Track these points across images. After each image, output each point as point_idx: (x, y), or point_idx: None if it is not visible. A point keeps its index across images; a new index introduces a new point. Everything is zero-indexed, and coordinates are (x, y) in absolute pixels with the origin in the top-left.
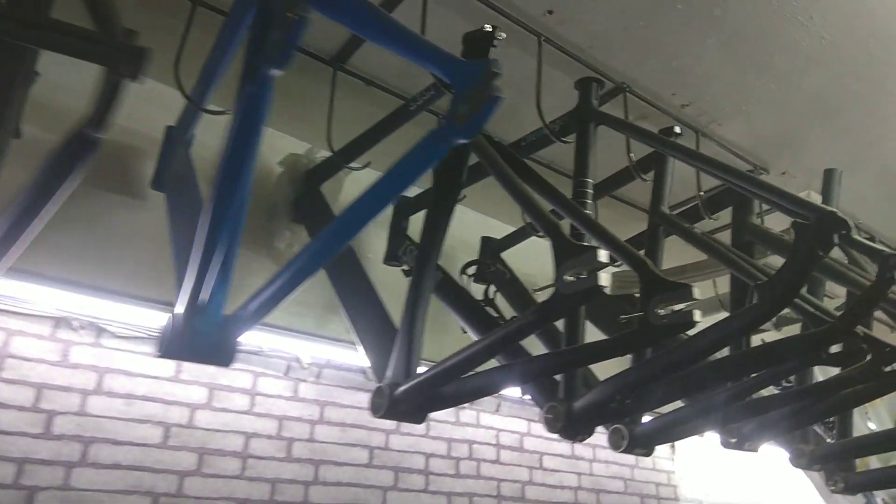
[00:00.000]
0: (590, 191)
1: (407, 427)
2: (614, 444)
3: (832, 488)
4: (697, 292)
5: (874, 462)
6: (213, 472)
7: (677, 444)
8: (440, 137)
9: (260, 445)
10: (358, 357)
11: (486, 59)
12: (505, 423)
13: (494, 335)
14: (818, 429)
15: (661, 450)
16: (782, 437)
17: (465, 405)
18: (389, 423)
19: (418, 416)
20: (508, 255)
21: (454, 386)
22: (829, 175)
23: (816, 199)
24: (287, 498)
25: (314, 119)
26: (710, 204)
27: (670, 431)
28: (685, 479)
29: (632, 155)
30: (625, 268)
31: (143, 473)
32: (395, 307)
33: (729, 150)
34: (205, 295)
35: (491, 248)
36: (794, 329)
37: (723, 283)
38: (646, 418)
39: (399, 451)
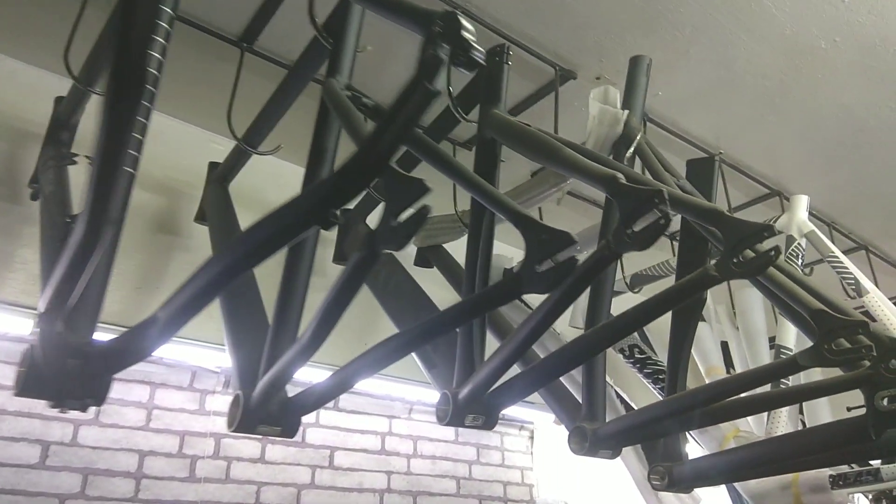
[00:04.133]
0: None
1: (112, 417)
2: None
3: (655, 483)
4: None
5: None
6: None
7: (537, 435)
8: None
9: None
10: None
11: None
12: None
13: None
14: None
15: (516, 442)
16: (556, 405)
17: (219, 389)
18: (82, 413)
19: None
20: None
21: None
22: (634, 63)
23: (614, 95)
24: None
25: None
26: (464, 99)
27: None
28: (545, 477)
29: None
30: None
31: None
32: None
33: (516, 44)
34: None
35: (217, 176)
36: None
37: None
38: None
39: (94, 447)
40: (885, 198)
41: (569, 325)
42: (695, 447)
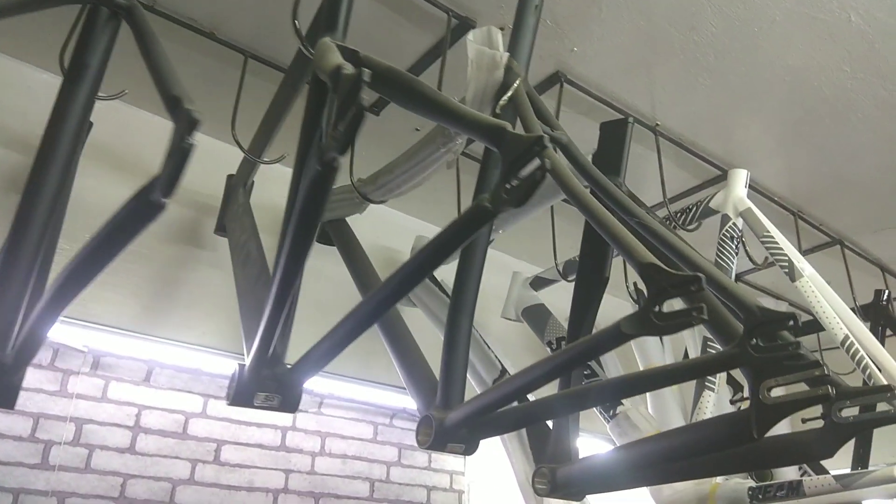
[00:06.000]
0: None
1: None
2: None
3: (539, 488)
4: None
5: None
6: None
7: None
8: None
9: None
10: None
11: None
12: (159, 397)
13: None
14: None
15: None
16: (413, 390)
17: (85, 370)
18: None
19: None
20: None
21: None
22: (522, 5)
23: (497, 37)
24: None
25: None
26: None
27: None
28: (478, 483)
29: None
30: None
31: None
32: None
33: None
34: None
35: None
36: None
37: None
38: None
39: None
40: (857, 184)
41: (500, 317)
42: None
